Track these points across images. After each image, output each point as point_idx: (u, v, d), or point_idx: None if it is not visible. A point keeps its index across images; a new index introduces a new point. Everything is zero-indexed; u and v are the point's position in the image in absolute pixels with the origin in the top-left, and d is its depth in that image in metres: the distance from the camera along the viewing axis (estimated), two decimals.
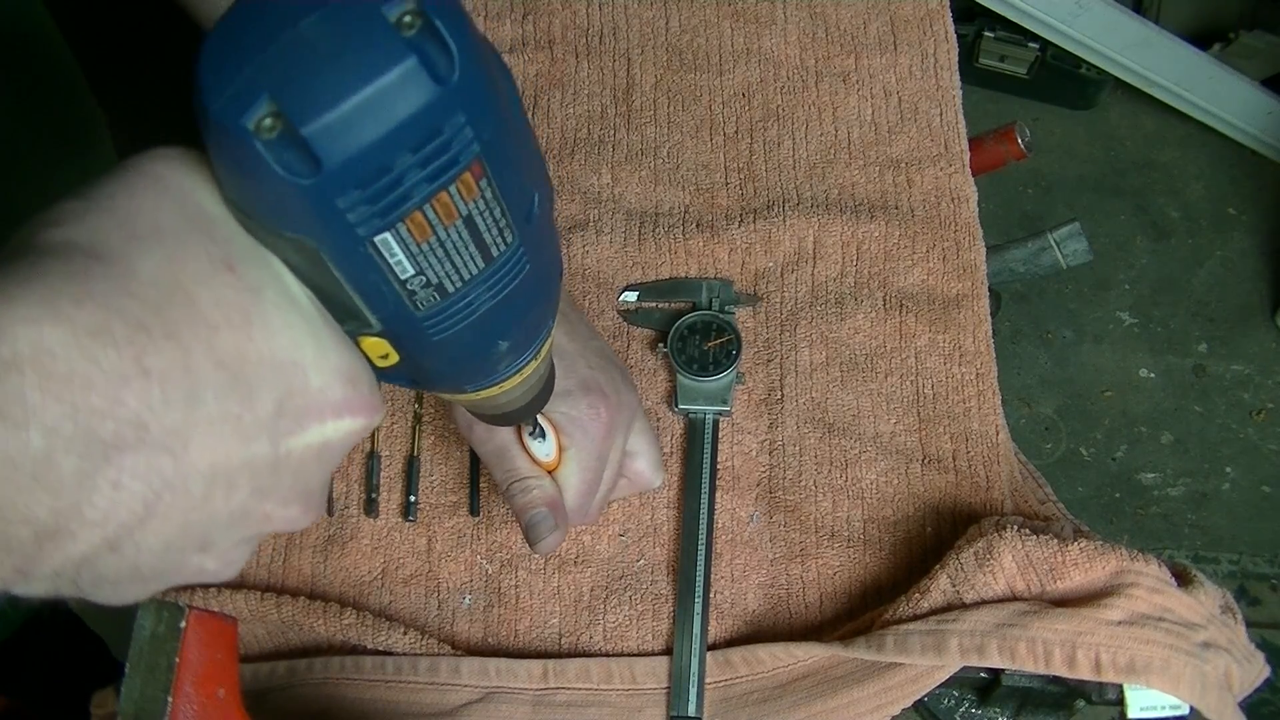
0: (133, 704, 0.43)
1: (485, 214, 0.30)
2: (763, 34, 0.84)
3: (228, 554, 0.33)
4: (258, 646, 0.67)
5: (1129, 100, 1.99)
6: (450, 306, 0.32)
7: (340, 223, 0.27)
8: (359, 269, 0.29)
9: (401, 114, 0.26)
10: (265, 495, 0.32)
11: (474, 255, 0.31)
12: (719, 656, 0.63)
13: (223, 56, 0.26)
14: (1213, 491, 1.71)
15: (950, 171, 0.79)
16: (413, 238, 0.29)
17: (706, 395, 0.70)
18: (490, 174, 0.29)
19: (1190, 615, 0.57)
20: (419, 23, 0.26)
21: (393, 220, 0.28)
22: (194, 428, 0.28)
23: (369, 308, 0.31)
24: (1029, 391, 1.78)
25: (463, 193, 0.29)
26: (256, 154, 0.26)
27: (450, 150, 0.27)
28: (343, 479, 0.71)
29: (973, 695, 0.65)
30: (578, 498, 0.56)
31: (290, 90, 0.26)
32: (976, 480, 0.70)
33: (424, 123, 0.26)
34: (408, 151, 0.27)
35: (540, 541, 0.55)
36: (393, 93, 0.26)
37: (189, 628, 0.44)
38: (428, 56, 0.26)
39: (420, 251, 0.29)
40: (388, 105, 0.26)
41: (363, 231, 0.28)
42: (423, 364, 0.35)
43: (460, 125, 0.27)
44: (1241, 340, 1.82)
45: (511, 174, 0.31)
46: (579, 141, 0.81)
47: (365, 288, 0.30)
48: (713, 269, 0.76)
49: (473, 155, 0.28)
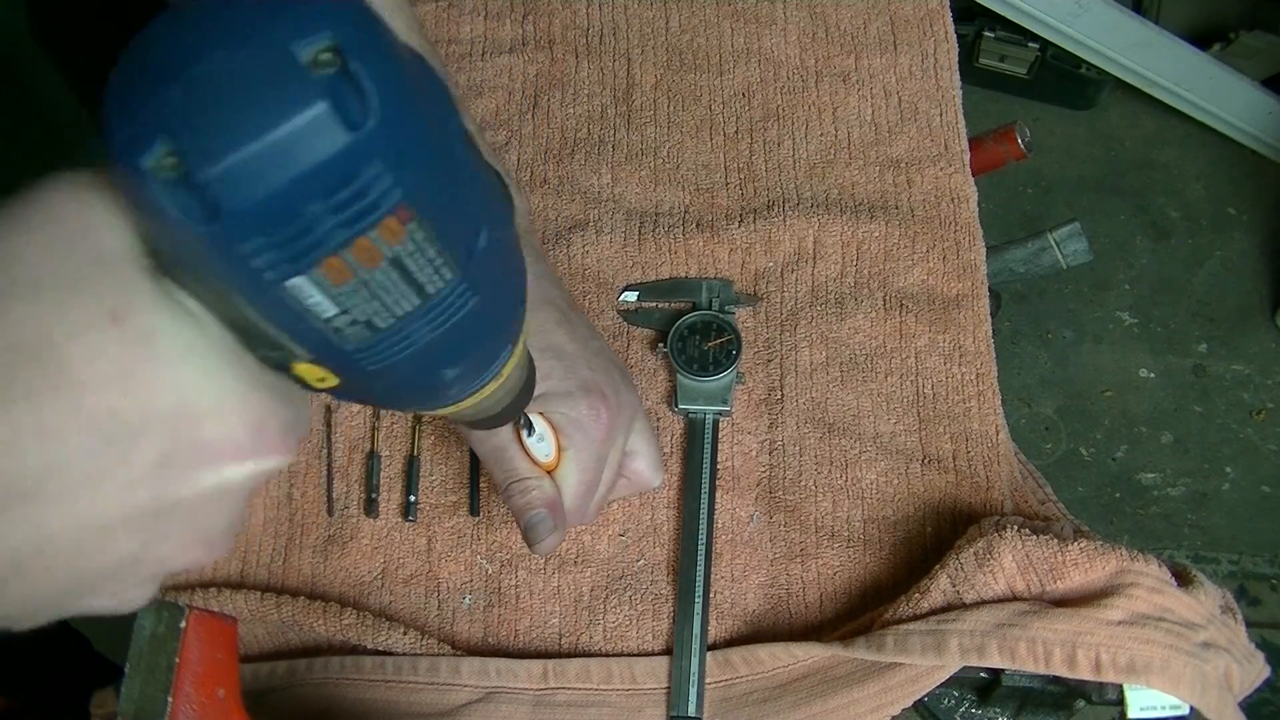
0: (133, 704, 0.43)
1: (416, 255, 0.28)
2: (763, 34, 0.84)
3: (122, 594, 0.33)
4: (258, 646, 0.67)
5: (1129, 100, 1.99)
6: (383, 341, 0.30)
7: (244, 268, 0.26)
8: (273, 309, 0.28)
9: (308, 162, 0.24)
10: (154, 543, 0.31)
11: (406, 294, 0.29)
12: (719, 656, 0.63)
13: (127, 90, 0.25)
14: (1213, 491, 1.71)
15: (950, 171, 0.79)
16: (330, 281, 0.27)
17: (706, 395, 0.70)
18: (420, 217, 0.27)
19: (1190, 615, 0.57)
20: (335, 62, 0.24)
21: (304, 266, 0.26)
22: (57, 488, 0.27)
23: (292, 340, 0.29)
24: (1029, 391, 1.78)
25: (386, 237, 0.26)
26: (154, 195, 0.24)
27: (367, 197, 0.25)
28: (343, 479, 0.71)
29: (973, 695, 0.65)
30: (576, 499, 0.56)
31: (189, 132, 0.24)
32: (976, 480, 0.70)
33: (335, 171, 0.24)
34: (317, 200, 0.25)
35: (539, 543, 0.55)
36: (299, 139, 0.24)
37: (189, 628, 0.44)
38: (342, 100, 0.24)
39: (341, 293, 0.27)
40: (293, 152, 0.24)
41: (270, 276, 0.26)
42: (364, 389, 0.33)
43: (378, 172, 0.25)
44: (1241, 340, 1.82)
45: (446, 214, 0.28)
46: (579, 141, 0.81)
47: (283, 325, 0.28)
48: (713, 269, 0.76)
49: (395, 201, 0.26)
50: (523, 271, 0.37)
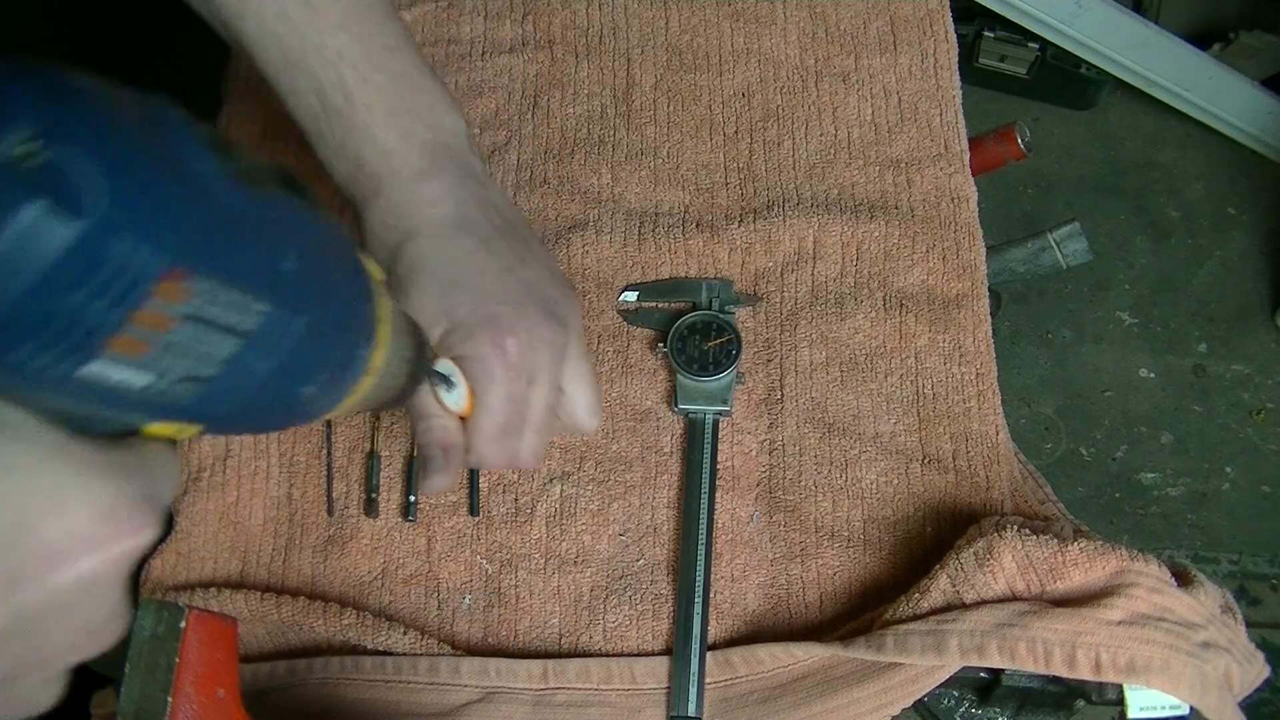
0: (132, 704, 0.43)
1: (210, 305, 0.26)
2: (763, 34, 0.84)
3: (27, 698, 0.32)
4: (258, 646, 0.67)
5: (1129, 100, 1.99)
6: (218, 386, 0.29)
7: (30, 372, 0.24)
8: (85, 395, 0.26)
9: (45, 260, 0.22)
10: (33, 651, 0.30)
11: (220, 340, 0.27)
12: (719, 656, 0.63)
13: None
14: (1213, 491, 1.71)
15: (950, 171, 0.79)
16: (127, 355, 0.25)
17: (706, 395, 0.70)
18: (200, 271, 0.26)
19: (1190, 615, 0.57)
20: (44, 154, 0.22)
21: (90, 353, 0.25)
22: None
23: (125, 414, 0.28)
24: (1029, 391, 1.78)
25: (170, 299, 0.25)
26: None
27: (128, 273, 0.24)
28: (343, 479, 0.71)
29: (973, 695, 0.65)
30: (489, 442, 0.53)
31: None
32: (976, 480, 0.70)
33: (78, 260, 0.23)
34: (72, 291, 0.23)
35: (425, 480, 0.52)
36: (27, 241, 0.22)
37: (189, 628, 0.44)
38: (63, 190, 0.22)
39: (146, 362, 0.26)
40: (26, 255, 0.22)
41: (60, 372, 0.25)
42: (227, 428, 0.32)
43: (131, 247, 0.24)
44: (1241, 340, 1.82)
45: (229, 259, 0.27)
46: (579, 141, 0.81)
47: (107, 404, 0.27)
48: (713, 269, 0.76)
49: (161, 268, 0.24)
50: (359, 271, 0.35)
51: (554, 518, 0.69)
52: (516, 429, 0.53)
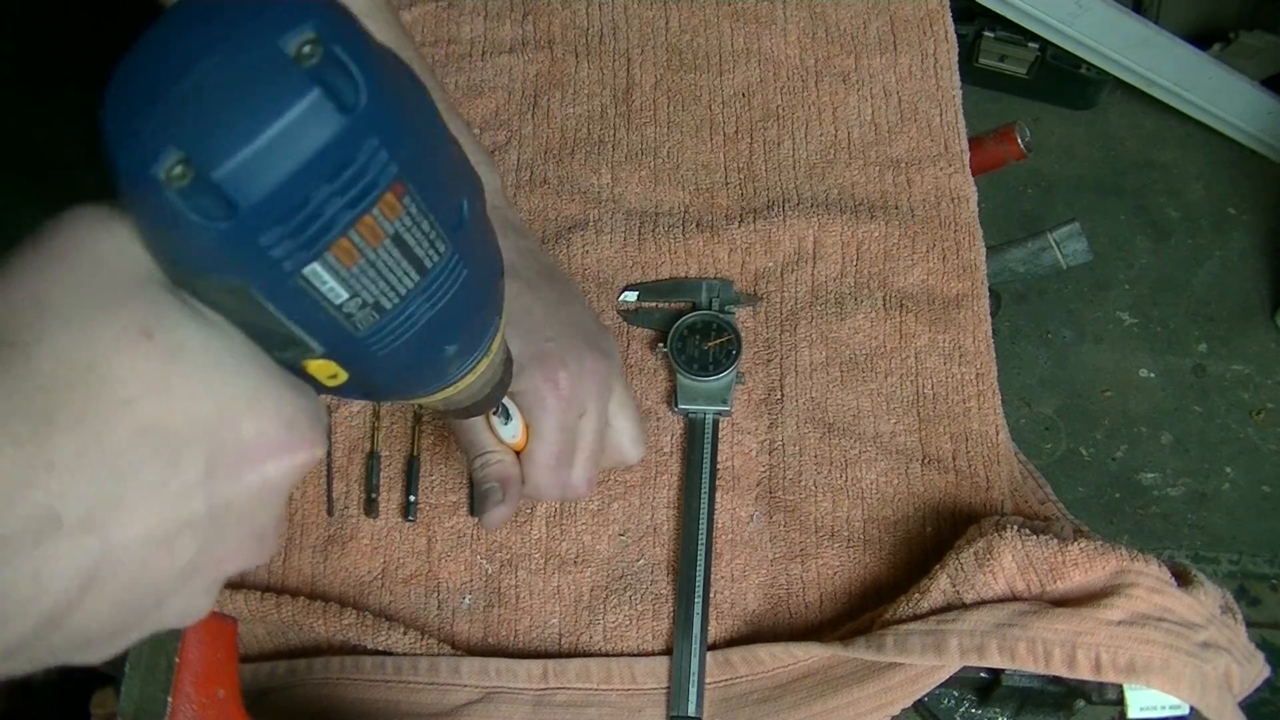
0: (133, 704, 0.43)
1: (413, 229, 0.30)
2: (763, 34, 0.84)
3: (188, 603, 0.33)
4: (258, 646, 0.67)
5: (1129, 100, 1.99)
6: (390, 323, 0.32)
7: (264, 260, 0.27)
8: (292, 301, 0.29)
9: (311, 148, 0.26)
10: (212, 546, 0.32)
11: (407, 271, 0.31)
12: (719, 656, 0.63)
13: (125, 107, 0.26)
14: (1213, 491, 1.71)
15: (950, 171, 0.79)
16: (341, 264, 0.28)
17: (706, 395, 0.70)
18: (412, 191, 0.29)
19: (1190, 615, 0.57)
20: (319, 52, 0.25)
21: (318, 250, 0.28)
22: (117, 505, 0.28)
23: (309, 335, 0.31)
24: (1029, 391, 1.78)
25: (386, 213, 0.28)
26: (170, 204, 0.26)
27: (367, 175, 0.27)
28: (343, 479, 0.71)
29: (973, 695, 0.65)
30: (545, 473, 0.55)
31: (196, 136, 0.25)
32: (976, 480, 0.70)
33: (336, 153, 0.26)
34: (323, 183, 0.26)
35: (484, 514, 0.54)
36: (300, 128, 0.25)
37: (189, 628, 0.44)
38: (331, 86, 0.26)
39: (351, 275, 0.29)
40: (296, 141, 0.25)
41: (289, 266, 0.27)
42: (372, 378, 0.35)
43: (374, 149, 0.27)
44: (1241, 340, 1.82)
45: (435, 186, 0.30)
46: (579, 141, 0.81)
47: (301, 317, 0.30)
48: (713, 269, 0.76)
49: (391, 177, 0.28)
50: (497, 244, 0.38)
51: (554, 517, 0.69)
52: (568, 458, 0.56)
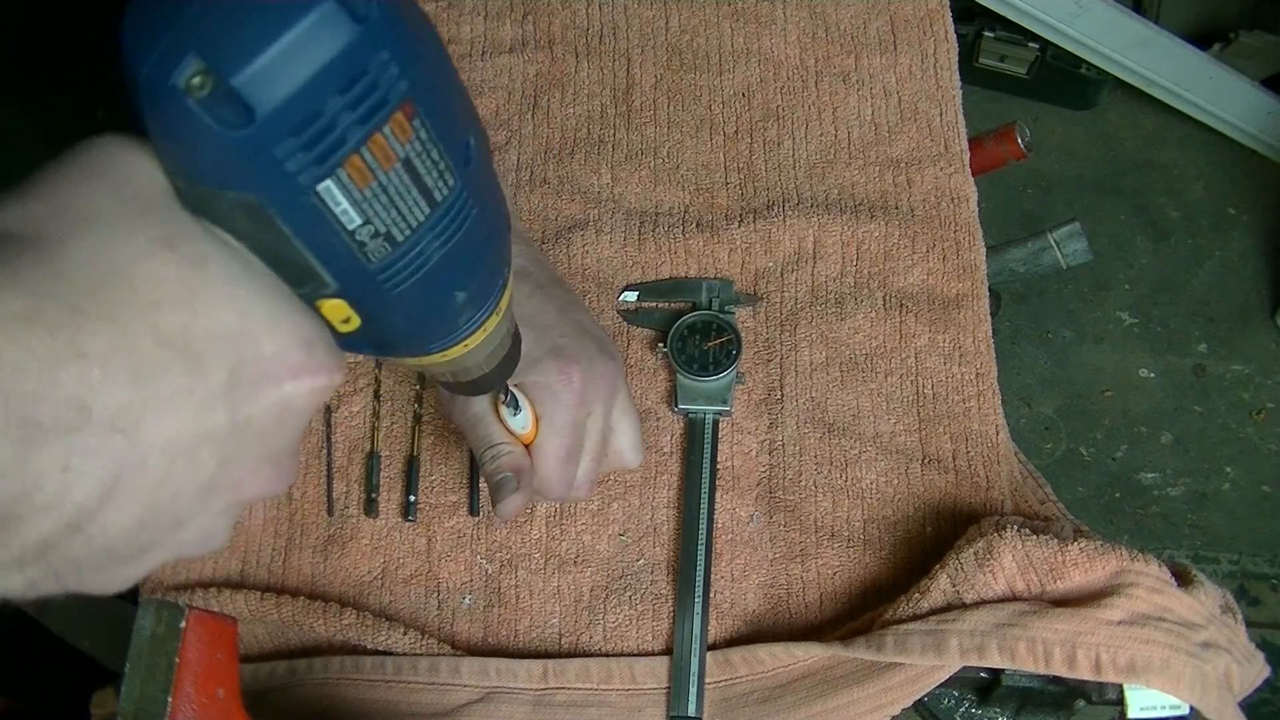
0: (132, 704, 0.43)
1: (423, 156, 0.31)
2: (763, 34, 0.84)
3: (206, 527, 0.33)
4: (258, 646, 0.67)
5: (1129, 100, 1.99)
6: (402, 257, 0.32)
7: (280, 173, 0.28)
8: (307, 222, 0.30)
9: (325, 56, 0.27)
10: (232, 464, 0.32)
11: (418, 200, 0.31)
12: (719, 656, 0.63)
13: (145, 21, 0.27)
14: (1213, 491, 1.71)
15: (950, 171, 0.79)
16: (354, 183, 0.29)
17: (706, 395, 0.70)
18: (422, 114, 0.30)
19: (1190, 615, 0.57)
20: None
21: (332, 166, 0.28)
22: (144, 405, 0.28)
23: (322, 264, 0.32)
24: (1029, 391, 1.78)
25: (397, 134, 0.29)
26: (190, 112, 0.26)
27: (378, 89, 0.28)
28: (343, 479, 0.71)
29: (973, 695, 0.65)
30: (555, 465, 0.55)
31: (215, 44, 0.26)
32: (976, 480, 0.70)
33: (349, 63, 0.27)
34: (336, 93, 0.27)
35: (501, 503, 0.54)
36: (314, 35, 0.26)
37: (189, 628, 0.44)
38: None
39: (364, 198, 0.30)
40: (311, 48, 0.26)
41: (304, 180, 0.28)
42: (384, 324, 0.35)
43: (385, 63, 0.28)
44: (1241, 340, 1.82)
45: (444, 114, 0.31)
46: (579, 141, 0.81)
47: (315, 242, 0.31)
48: (713, 269, 0.76)
49: (402, 94, 0.29)
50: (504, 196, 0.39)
51: (554, 517, 0.69)
52: (576, 455, 0.56)
